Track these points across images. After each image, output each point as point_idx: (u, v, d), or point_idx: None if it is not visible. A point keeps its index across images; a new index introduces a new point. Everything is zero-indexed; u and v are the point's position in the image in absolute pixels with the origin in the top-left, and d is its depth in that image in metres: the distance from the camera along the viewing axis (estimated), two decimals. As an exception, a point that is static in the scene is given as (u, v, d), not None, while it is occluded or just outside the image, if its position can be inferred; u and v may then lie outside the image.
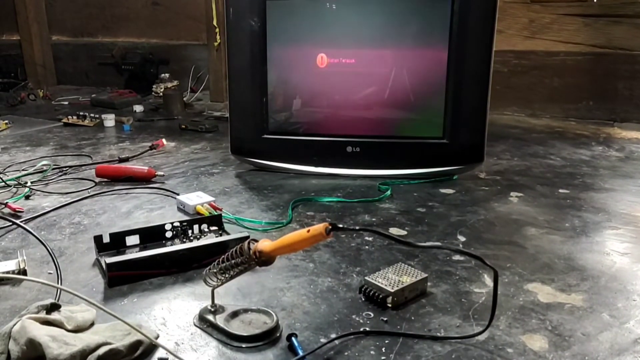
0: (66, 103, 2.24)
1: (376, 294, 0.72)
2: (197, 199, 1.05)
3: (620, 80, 1.82)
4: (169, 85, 2.23)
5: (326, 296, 0.74)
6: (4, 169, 1.30)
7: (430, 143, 1.23)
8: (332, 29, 1.23)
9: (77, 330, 0.63)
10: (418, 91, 1.23)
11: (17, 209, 1.03)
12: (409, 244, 0.69)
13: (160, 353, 0.62)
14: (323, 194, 1.15)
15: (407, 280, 0.73)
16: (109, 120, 1.80)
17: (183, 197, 1.07)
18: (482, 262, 0.63)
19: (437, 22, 1.18)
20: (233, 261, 0.65)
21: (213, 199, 1.07)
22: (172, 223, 0.91)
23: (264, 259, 0.63)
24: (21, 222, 0.97)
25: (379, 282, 0.72)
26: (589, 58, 1.84)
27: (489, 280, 0.78)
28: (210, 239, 0.88)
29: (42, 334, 0.58)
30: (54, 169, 1.30)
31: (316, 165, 1.27)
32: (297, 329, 0.66)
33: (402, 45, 1.22)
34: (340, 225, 0.61)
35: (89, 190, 1.17)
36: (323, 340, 0.64)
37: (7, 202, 1.05)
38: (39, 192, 1.15)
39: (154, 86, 2.26)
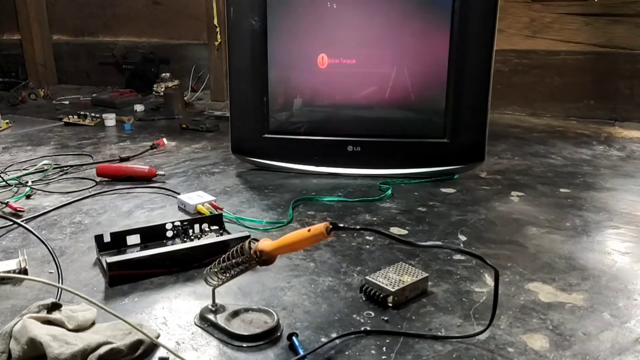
0: (67, 102, 2.24)
1: (377, 293, 0.72)
2: (198, 199, 1.06)
3: (621, 79, 1.81)
4: (170, 84, 2.23)
5: (327, 295, 0.74)
6: (5, 169, 1.30)
7: (431, 142, 1.23)
8: (333, 29, 1.23)
9: (78, 329, 0.63)
10: (419, 90, 1.23)
11: (18, 209, 1.03)
12: (409, 244, 0.69)
13: (161, 352, 0.62)
14: (324, 193, 1.15)
15: (408, 279, 0.73)
16: (110, 119, 1.80)
17: (184, 197, 1.07)
18: (483, 261, 0.63)
19: (438, 21, 1.18)
20: (234, 260, 0.65)
21: (214, 198, 1.07)
22: (172, 222, 0.91)
23: (265, 259, 0.63)
24: (22, 221, 0.97)
25: (379, 281, 0.72)
26: (589, 57, 1.84)
27: (489, 280, 0.78)
28: (211, 239, 0.88)
29: (43, 333, 0.58)
30: (54, 168, 1.30)
31: (317, 165, 1.27)
32: (297, 328, 0.66)
33: (403, 44, 1.22)
34: (341, 225, 0.61)
35: (90, 189, 1.18)
36: (324, 339, 0.64)
37: (8, 202, 1.05)
38: (39, 192, 1.16)
39: (154, 85, 2.26)
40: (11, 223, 0.97)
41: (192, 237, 0.91)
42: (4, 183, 1.18)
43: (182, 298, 0.74)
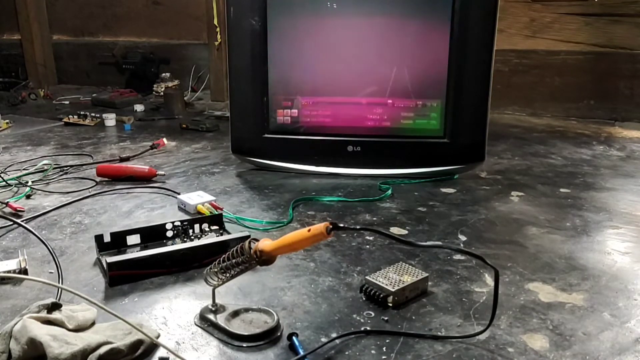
0: (67, 102, 2.24)
1: (377, 293, 0.72)
2: (198, 199, 1.06)
3: (621, 79, 1.81)
4: (170, 84, 2.23)
5: (327, 295, 0.74)
6: (5, 169, 1.30)
7: (431, 142, 1.23)
8: (333, 29, 1.23)
9: (78, 329, 0.63)
10: (419, 90, 1.23)
11: (18, 209, 1.03)
12: (409, 244, 0.69)
13: (161, 352, 0.62)
14: (324, 193, 1.15)
15: (408, 279, 0.73)
16: (110, 119, 1.80)
17: (184, 197, 1.07)
18: (483, 261, 0.63)
19: (438, 21, 1.18)
20: (234, 260, 0.65)
21: (214, 198, 1.07)
22: (172, 222, 0.91)
23: (265, 259, 0.63)
24: (22, 221, 0.97)
25: (379, 281, 0.72)
26: (589, 57, 1.84)
27: (489, 280, 0.78)
28: (211, 239, 0.88)
29: (43, 333, 0.58)
30: (54, 168, 1.30)
31: (317, 165, 1.27)
32: (297, 328, 0.66)
33: (403, 44, 1.22)
34: (341, 225, 0.61)
35: (90, 189, 1.18)
36: (324, 339, 0.64)
37: (8, 202, 1.05)
38: (40, 192, 1.16)
39: (154, 85, 2.26)
40: (11, 223, 0.97)
41: (192, 237, 0.91)
42: (4, 183, 1.18)
43: (182, 298, 0.74)
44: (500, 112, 1.95)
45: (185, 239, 0.90)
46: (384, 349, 0.63)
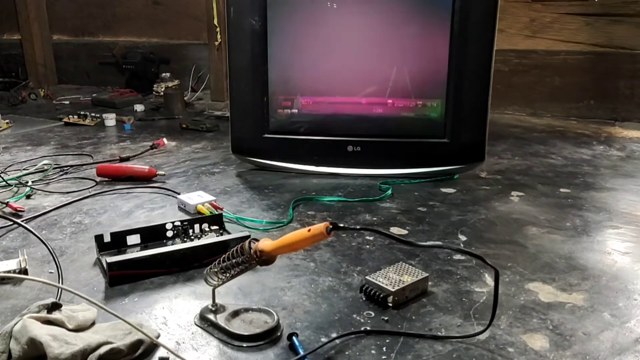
0: (67, 102, 2.24)
1: (377, 293, 0.72)
2: (198, 199, 1.06)
3: (622, 79, 1.81)
4: (170, 84, 2.23)
5: (327, 295, 0.74)
6: (5, 169, 1.30)
7: (431, 142, 1.23)
8: (333, 29, 1.23)
9: (78, 329, 0.63)
10: (419, 90, 1.23)
11: (18, 209, 1.03)
12: (409, 244, 0.69)
13: (161, 352, 0.62)
14: (324, 193, 1.15)
15: (408, 279, 0.73)
16: (110, 119, 1.80)
17: (184, 197, 1.07)
18: (483, 261, 0.63)
19: (438, 21, 1.18)
20: (234, 260, 0.65)
21: (214, 198, 1.07)
22: (173, 222, 0.91)
23: (265, 258, 0.63)
24: (22, 221, 0.97)
25: (379, 281, 0.72)
26: (590, 57, 1.84)
27: (489, 280, 0.78)
28: (211, 239, 0.88)
29: (43, 333, 0.58)
30: (54, 168, 1.30)
31: (317, 165, 1.27)
32: (297, 328, 0.66)
33: (403, 44, 1.22)
34: (341, 225, 0.61)
35: (90, 189, 1.18)
36: (324, 339, 0.64)
37: (8, 202, 1.05)
38: (40, 192, 1.16)
39: (154, 85, 2.26)
40: (11, 223, 0.97)
41: (192, 237, 0.91)
42: (4, 183, 1.18)
43: (182, 298, 0.74)
44: (500, 112, 1.95)
45: (185, 239, 0.90)
46: (384, 349, 0.63)
